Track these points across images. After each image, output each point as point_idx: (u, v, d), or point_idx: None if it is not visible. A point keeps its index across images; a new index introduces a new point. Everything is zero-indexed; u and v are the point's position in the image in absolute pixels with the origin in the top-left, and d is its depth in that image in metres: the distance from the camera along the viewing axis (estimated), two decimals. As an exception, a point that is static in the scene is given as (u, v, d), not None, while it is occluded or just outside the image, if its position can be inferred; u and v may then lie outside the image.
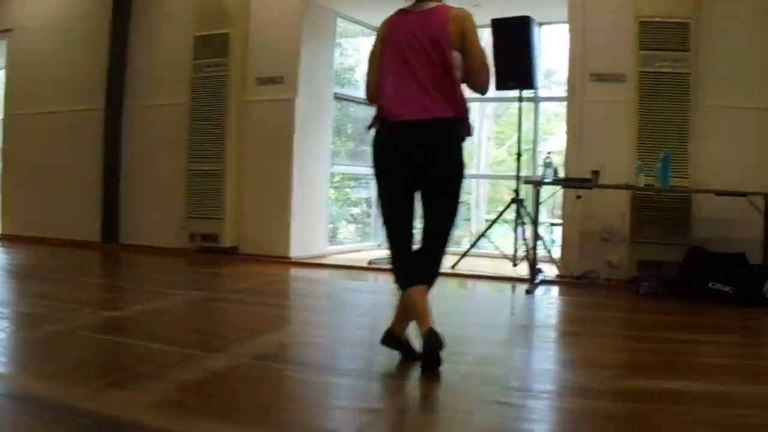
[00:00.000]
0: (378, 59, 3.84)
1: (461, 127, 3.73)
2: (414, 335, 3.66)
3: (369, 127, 3.86)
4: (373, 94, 3.86)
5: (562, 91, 8.04)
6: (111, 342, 4.10)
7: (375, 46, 3.90)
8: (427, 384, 3.44)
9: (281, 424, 2.78)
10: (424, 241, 3.77)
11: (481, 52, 3.76)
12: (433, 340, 3.43)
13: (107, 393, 3.00)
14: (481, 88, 3.84)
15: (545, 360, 4.37)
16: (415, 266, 3.74)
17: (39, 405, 2.85)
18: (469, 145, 12.70)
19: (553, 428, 2.99)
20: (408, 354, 3.73)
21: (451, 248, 3.93)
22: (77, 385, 3.14)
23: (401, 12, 3.82)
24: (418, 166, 3.64)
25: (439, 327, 3.42)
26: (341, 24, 9.11)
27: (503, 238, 8.87)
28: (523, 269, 7.23)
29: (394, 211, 3.78)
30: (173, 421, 2.70)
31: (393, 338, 3.76)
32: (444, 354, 3.43)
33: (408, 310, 3.64)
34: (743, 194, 6.06)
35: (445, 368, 3.61)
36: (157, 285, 6.34)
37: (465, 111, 3.71)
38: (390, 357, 3.75)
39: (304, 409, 2.98)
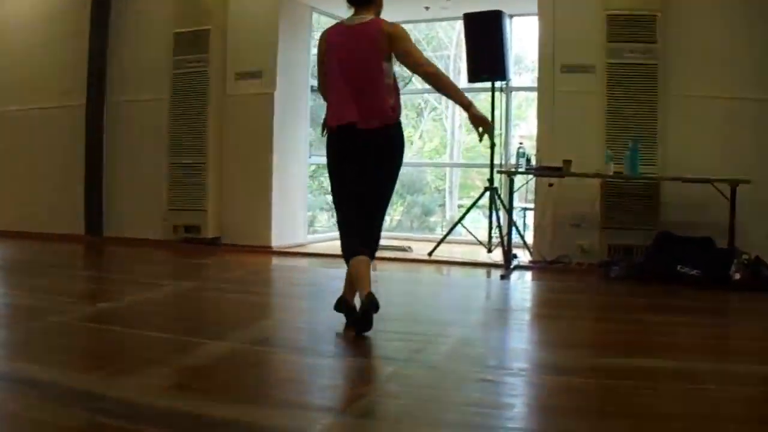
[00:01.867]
0: (324, 68, 4.33)
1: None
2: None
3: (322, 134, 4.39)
4: (323, 95, 4.42)
5: (532, 78, 8.20)
6: (112, 332, 4.24)
7: (319, 55, 4.36)
8: (409, 364, 3.62)
9: (278, 402, 2.96)
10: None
11: (418, 53, 4.22)
12: (370, 303, 3.95)
13: (117, 378, 3.16)
14: (446, 85, 4.27)
15: (521, 340, 4.60)
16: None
17: (55, 390, 2.99)
18: (441, 134, 12.95)
19: (531, 402, 3.19)
20: (352, 315, 4.21)
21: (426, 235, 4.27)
22: (88, 371, 3.32)
23: (340, 25, 4.33)
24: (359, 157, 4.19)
25: (419, 311, 3.58)
26: (317, 18, 9.24)
27: (476, 223, 9.08)
28: (497, 255, 7.46)
29: (342, 194, 4.32)
30: (182, 402, 2.87)
31: (343, 304, 4.34)
32: (420, 334, 3.57)
33: (352, 279, 4.19)
34: (709, 181, 6.26)
35: (427, 349, 3.85)
36: (145, 276, 6.45)
37: (393, 116, 4.20)
38: (372, 341, 3.96)
39: (298, 388, 3.17)
